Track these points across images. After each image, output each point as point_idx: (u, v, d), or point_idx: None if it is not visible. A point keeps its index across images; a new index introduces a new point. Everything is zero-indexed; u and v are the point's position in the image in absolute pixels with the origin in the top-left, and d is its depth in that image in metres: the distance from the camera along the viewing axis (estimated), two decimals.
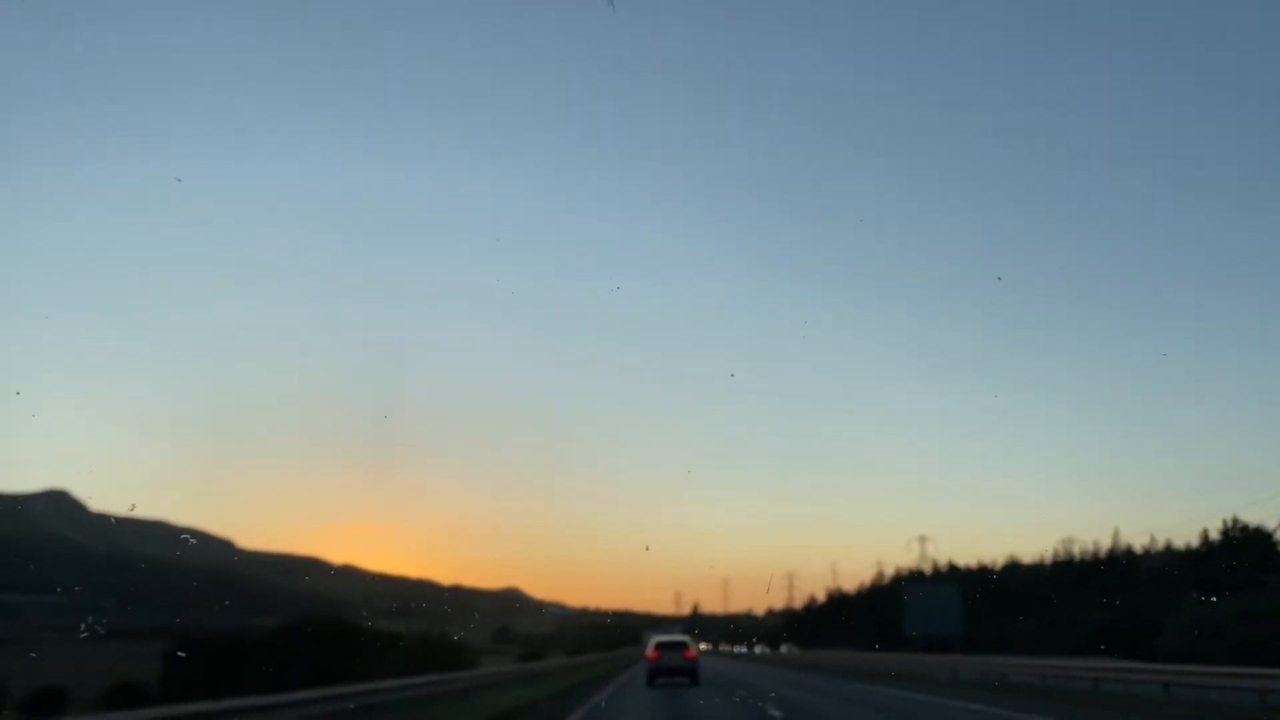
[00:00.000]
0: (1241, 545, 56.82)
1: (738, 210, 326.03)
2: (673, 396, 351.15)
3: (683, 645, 36.41)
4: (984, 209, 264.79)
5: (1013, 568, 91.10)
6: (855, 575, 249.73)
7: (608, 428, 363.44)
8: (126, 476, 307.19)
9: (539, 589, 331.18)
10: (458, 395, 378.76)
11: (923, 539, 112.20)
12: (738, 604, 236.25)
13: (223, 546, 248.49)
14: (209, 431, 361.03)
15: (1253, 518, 69.45)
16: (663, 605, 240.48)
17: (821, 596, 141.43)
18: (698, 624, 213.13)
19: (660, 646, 36.23)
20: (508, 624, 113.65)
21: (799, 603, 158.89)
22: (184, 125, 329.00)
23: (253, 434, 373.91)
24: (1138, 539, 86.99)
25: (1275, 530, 58.88)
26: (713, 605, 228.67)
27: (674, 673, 35.28)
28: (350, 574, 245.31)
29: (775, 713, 21.01)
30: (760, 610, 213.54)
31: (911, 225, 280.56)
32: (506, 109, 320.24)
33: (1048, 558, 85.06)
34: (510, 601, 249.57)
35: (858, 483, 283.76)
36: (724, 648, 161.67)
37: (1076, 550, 79.78)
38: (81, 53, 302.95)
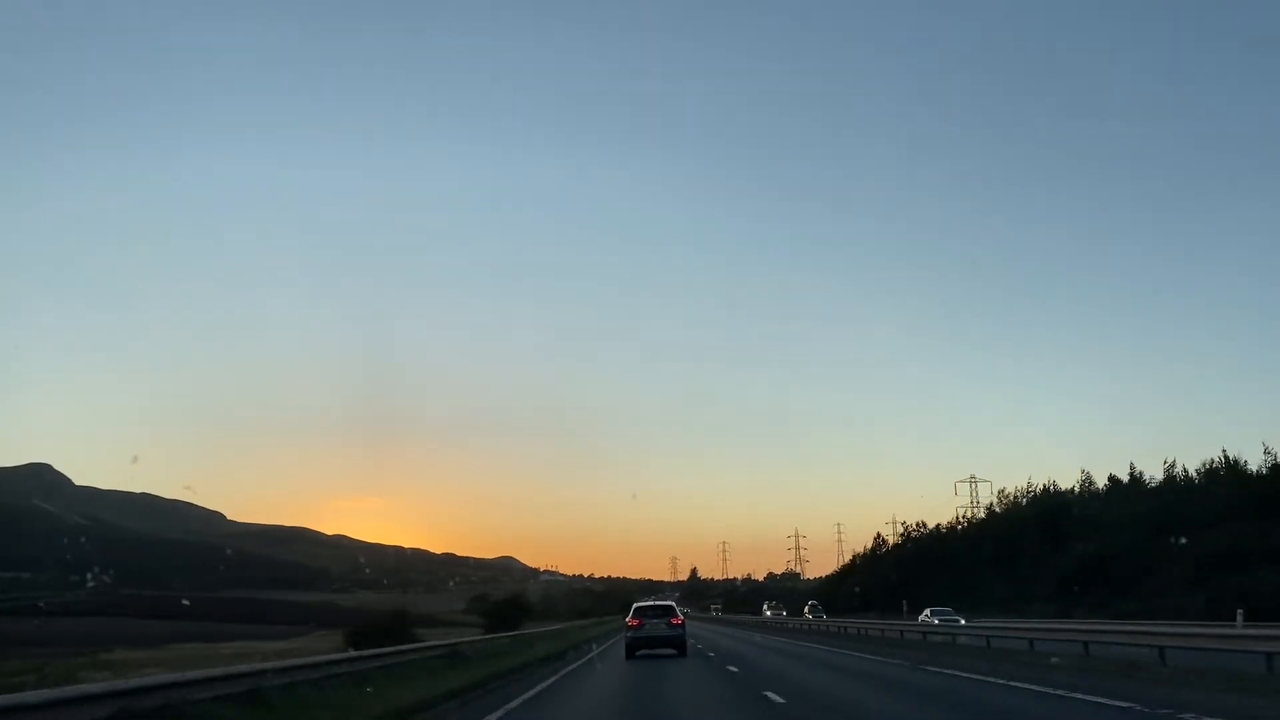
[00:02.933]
0: None
1: (731, 170, 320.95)
2: (666, 366, 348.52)
3: (668, 611, 32.16)
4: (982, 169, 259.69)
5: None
6: (863, 537, 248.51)
7: (605, 399, 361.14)
8: (116, 451, 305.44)
9: (534, 558, 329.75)
10: (455, 370, 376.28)
11: (973, 479, 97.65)
12: (737, 568, 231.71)
13: (213, 518, 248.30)
14: (207, 409, 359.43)
15: None
16: (659, 572, 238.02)
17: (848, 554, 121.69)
18: (697, 589, 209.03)
19: (641, 613, 32.01)
20: (488, 592, 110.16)
21: (816, 564, 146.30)
22: (178, 116, 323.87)
23: (251, 411, 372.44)
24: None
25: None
26: (711, 570, 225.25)
27: (657, 643, 30.72)
28: (341, 544, 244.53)
29: None
30: (760, 575, 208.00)
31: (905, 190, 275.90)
32: (509, 99, 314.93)
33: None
34: (503, 570, 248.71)
35: (855, 446, 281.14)
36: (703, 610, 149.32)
37: None
38: (79, 53, 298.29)
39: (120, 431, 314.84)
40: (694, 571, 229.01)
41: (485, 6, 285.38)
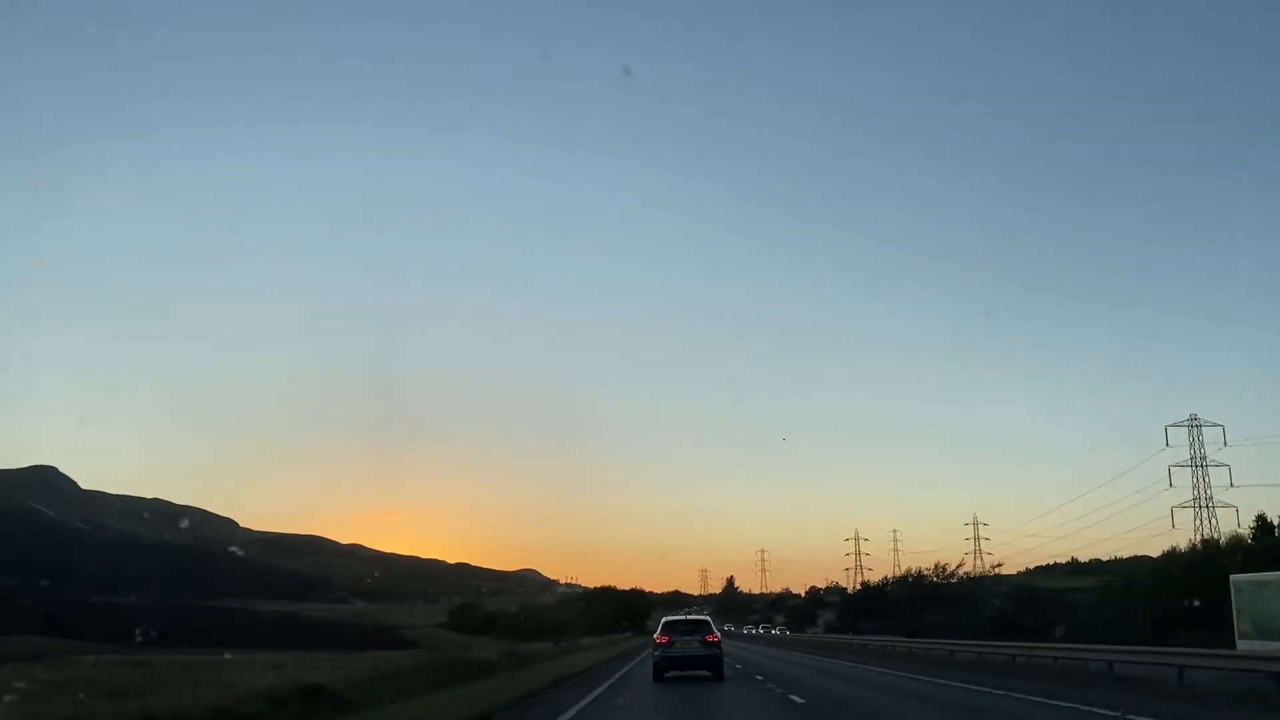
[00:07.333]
0: None
1: (761, 189, 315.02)
2: (700, 377, 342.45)
3: (701, 627, 28.75)
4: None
5: None
6: (920, 546, 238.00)
7: (633, 409, 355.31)
8: (126, 455, 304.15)
9: (556, 570, 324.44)
10: (479, 381, 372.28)
11: (1194, 419, 79.10)
12: (776, 582, 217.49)
13: (224, 525, 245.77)
14: (222, 415, 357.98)
15: None
16: (689, 584, 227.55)
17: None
18: (734, 602, 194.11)
19: (671, 629, 28.52)
20: (475, 602, 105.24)
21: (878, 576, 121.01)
22: (187, 119, 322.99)
23: (268, 419, 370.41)
24: None
25: None
26: (750, 583, 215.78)
27: (689, 664, 27.58)
28: (355, 553, 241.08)
29: None
30: (800, 588, 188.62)
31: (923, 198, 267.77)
32: (516, 103, 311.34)
33: None
34: (519, 581, 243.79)
35: (902, 448, 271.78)
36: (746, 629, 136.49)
37: None
38: (84, 53, 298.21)
39: (131, 435, 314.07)
40: (730, 581, 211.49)
41: (491, 12, 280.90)
